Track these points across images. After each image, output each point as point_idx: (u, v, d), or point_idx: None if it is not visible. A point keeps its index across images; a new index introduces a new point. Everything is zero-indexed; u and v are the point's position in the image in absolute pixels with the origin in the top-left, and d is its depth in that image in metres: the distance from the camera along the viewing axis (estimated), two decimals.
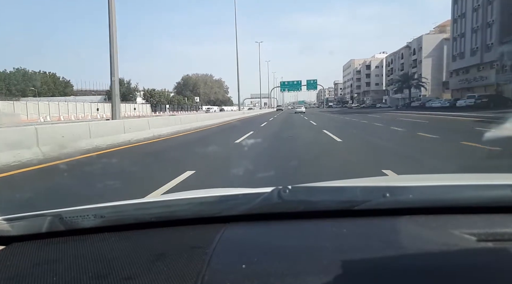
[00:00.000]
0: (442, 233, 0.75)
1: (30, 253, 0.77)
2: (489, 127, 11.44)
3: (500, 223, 0.78)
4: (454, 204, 0.85)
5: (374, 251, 0.69)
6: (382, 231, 0.79)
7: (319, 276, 0.60)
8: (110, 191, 4.04)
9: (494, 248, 0.70)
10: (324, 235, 0.78)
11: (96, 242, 0.81)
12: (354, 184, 1.02)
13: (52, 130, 7.59)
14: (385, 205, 0.84)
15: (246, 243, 0.77)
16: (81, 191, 4.12)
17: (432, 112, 27.83)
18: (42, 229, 0.84)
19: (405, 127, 14.01)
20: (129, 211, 0.94)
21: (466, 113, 21.68)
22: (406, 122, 17.46)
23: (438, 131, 11.54)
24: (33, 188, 4.50)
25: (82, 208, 0.89)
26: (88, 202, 0.95)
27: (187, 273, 0.63)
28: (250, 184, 3.09)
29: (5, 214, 0.88)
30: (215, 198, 0.94)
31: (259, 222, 0.85)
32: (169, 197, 1.04)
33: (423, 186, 1.02)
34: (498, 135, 9.41)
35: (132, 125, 10.76)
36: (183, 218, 0.88)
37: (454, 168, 4.93)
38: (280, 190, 0.85)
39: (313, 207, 0.87)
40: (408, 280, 0.60)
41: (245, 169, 5.34)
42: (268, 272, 0.63)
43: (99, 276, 0.65)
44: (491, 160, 5.90)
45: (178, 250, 0.74)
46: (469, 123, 14.93)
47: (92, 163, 6.50)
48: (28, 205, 3.46)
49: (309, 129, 14.74)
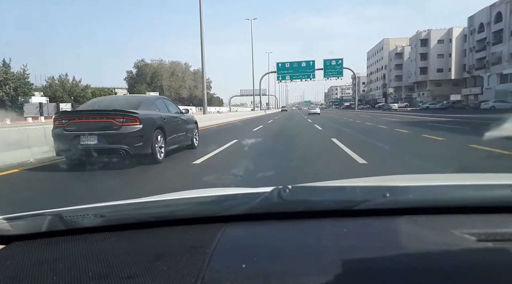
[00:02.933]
0: (442, 233, 0.75)
1: (30, 253, 0.77)
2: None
3: (500, 223, 0.78)
4: (454, 204, 0.85)
5: (374, 251, 0.69)
6: (382, 231, 0.79)
7: (319, 276, 0.60)
8: None
9: (494, 248, 0.69)
10: (324, 235, 0.78)
11: (96, 242, 0.81)
12: (354, 183, 1.02)
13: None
14: (385, 205, 0.84)
15: (246, 243, 0.77)
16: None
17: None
18: (42, 228, 0.84)
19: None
20: (129, 211, 0.93)
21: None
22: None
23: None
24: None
25: (82, 207, 0.89)
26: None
27: (187, 272, 0.63)
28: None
29: (5, 213, 0.88)
30: (215, 198, 0.94)
31: (259, 222, 0.85)
32: (169, 196, 1.03)
33: (423, 186, 1.02)
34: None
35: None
36: (183, 217, 0.88)
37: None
38: (280, 190, 0.85)
39: (313, 206, 0.87)
40: (408, 280, 0.60)
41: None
42: (268, 272, 0.62)
43: (99, 276, 0.65)
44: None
45: (178, 250, 0.74)
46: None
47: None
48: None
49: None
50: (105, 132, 5.29)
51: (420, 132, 12.19)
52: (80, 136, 5.30)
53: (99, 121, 5.37)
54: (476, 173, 1.41)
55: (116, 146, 5.29)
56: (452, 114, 26.41)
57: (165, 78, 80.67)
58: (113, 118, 5.33)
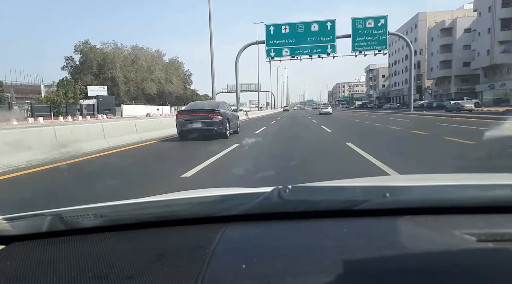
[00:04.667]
0: (442, 233, 0.76)
1: (30, 253, 0.78)
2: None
3: (500, 223, 0.79)
4: (454, 204, 0.86)
5: (374, 251, 0.69)
6: (382, 231, 0.79)
7: (319, 276, 0.60)
8: None
9: (494, 248, 0.70)
10: (324, 235, 0.78)
11: (96, 242, 0.81)
12: (354, 183, 1.02)
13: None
14: (385, 205, 0.84)
15: (246, 243, 0.77)
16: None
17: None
18: (42, 228, 0.84)
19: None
20: (129, 211, 0.94)
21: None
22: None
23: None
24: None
25: (82, 207, 0.89)
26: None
27: (187, 272, 0.63)
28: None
29: (5, 214, 0.88)
30: (215, 198, 0.94)
31: (259, 222, 0.85)
32: (169, 196, 1.04)
33: (423, 186, 1.03)
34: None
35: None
36: (183, 217, 0.88)
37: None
38: (280, 190, 0.85)
39: (313, 206, 0.88)
40: (408, 280, 0.60)
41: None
42: (268, 272, 0.63)
43: (99, 276, 0.65)
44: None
45: (178, 250, 0.75)
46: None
47: None
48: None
49: None
50: (204, 120, 10.25)
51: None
52: (192, 122, 10.32)
53: (201, 115, 10.36)
54: (476, 173, 1.34)
55: (210, 128, 10.20)
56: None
57: (120, 67, 58.59)
58: (208, 113, 10.37)
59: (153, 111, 57.78)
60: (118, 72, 58.28)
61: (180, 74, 73.56)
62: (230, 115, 11.40)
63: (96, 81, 56.17)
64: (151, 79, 63.83)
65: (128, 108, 53.31)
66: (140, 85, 62.61)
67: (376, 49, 28.94)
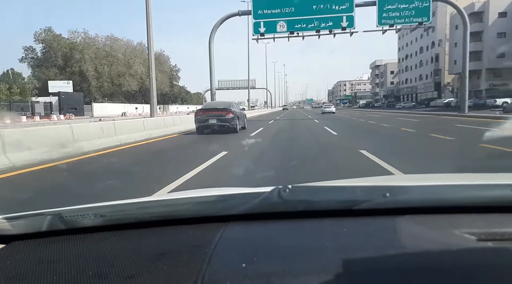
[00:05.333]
0: (442, 233, 0.76)
1: (30, 252, 0.78)
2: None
3: (500, 223, 0.79)
4: (454, 204, 0.86)
5: (374, 250, 0.69)
6: (382, 230, 0.80)
7: (319, 275, 0.61)
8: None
9: (494, 248, 0.70)
10: (324, 235, 0.78)
11: (96, 241, 0.81)
12: (354, 183, 1.02)
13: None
14: (385, 204, 0.84)
15: (246, 243, 0.78)
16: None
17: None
18: (42, 228, 0.84)
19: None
20: (129, 210, 0.94)
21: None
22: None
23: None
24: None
25: (82, 207, 0.89)
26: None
27: (187, 272, 0.64)
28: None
29: (5, 213, 0.88)
30: (215, 197, 0.95)
31: (259, 222, 0.86)
32: (169, 196, 1.03)
33: (423, 186, 1.03)
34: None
35: None
36: (184, 217, 0.88)
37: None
38: (280, 190, 0.86)
39: (313, 206, 0.88)
40: (408, 279, 0.60)
41: None
42: (268, 271, 0.63)
43: (99, 275, 0.66)
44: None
45: (178, 249, 0.75)
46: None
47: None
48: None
49: None
50: (219, 118, 12.33)
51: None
52: (209, 119, 12.43)
53: (216, 113, 12.49)
54: (476, 173, 1.41)
55: (224, 123, 12.32)
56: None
57: (90, 60, 50.06)
58: (222, 111, 12.47)
59: (131, 110, 49.20)
60: (88, 66, 50.15)
61: (165, 70, 65.15)
62: (239, 114, 13.58)
63: (62, 76, 48.28)
64: (130, 74, 55.47)
65: (101, 107, 45.74)
66: (117, 80, 54.25)
67: (414, 22, 19.86)
